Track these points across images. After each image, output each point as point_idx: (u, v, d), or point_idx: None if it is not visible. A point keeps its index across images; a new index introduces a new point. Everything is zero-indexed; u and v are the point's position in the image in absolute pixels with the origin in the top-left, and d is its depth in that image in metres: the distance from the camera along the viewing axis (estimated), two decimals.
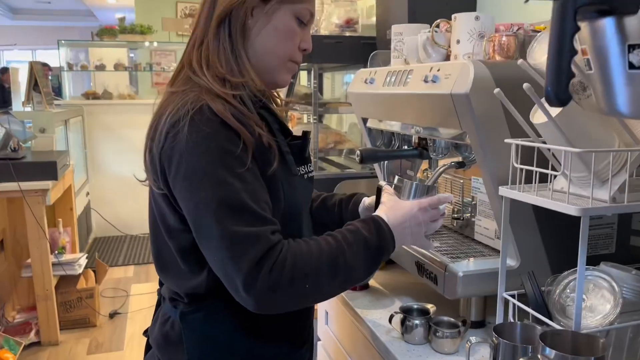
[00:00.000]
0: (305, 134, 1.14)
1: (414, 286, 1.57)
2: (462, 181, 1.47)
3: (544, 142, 1.04)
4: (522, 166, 1.04)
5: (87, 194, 5.18)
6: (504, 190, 1.09)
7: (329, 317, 1.72)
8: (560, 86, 0.76)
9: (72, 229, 3.96)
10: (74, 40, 7.41)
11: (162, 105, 1.02)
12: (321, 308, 1.79)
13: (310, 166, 1.15)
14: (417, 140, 1.47)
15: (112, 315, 3.78)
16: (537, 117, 1.02)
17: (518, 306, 1.10)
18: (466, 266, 1.21)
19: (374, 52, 1.96)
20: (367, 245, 1.04)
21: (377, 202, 1.19)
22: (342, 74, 3.09)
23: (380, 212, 1.13)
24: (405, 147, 1.68)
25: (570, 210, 0.93)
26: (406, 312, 1.24)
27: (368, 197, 1.31)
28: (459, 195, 1.49)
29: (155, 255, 1.09)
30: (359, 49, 2.33)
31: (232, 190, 0.92)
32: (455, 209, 1.49)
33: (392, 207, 1.13)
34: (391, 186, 1.20)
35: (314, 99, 2.47)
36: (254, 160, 0.96)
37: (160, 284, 1.16)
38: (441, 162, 1.56)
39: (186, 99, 0.96)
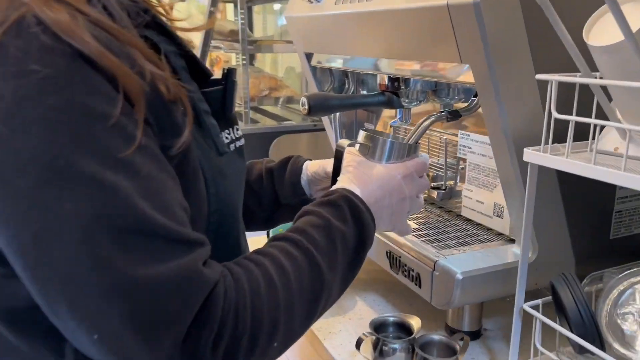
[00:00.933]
0: (229, 73, 0.70)
1: (378, 276, 1.20)
2: (444, 137, 1.09)
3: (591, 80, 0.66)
4: (567, 117, 0.66)
5: None
6: (532, 155, 0.71)
7: None
8: None
9: None
10: None
11: None
12: None
13: (237, 130, 0.73)
14: (383, 82, 1.06)
15: None
16: (600, 33, 0.63)
17: (544, 323, 0.75)
18: (464, 262, 0.84)
19: None
20: (346, 244, 0.65)
21: (338, 170, 0.79)
22: (276, 14, 2.62)
23: (346, 182, 0.73)
24: (365, 91, 1.27)
25: None
26: (379, 329, 0.86)
27: (311, 160, 0.91)
28: (439, 157, 1.11)
29: None
30: None
31: (113, 196, 0.48)
32: (434, 175, 1.12)
33: (362, 176, 0.74)
34: (355, 146, 0.80)
35: (242, 35, 2.00)
36: (149, 128, 0.54)
37: None
38: (415, 112, 1.16)
39: None
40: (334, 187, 0.74)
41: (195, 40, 1.99)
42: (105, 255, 0.47)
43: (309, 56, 1.29)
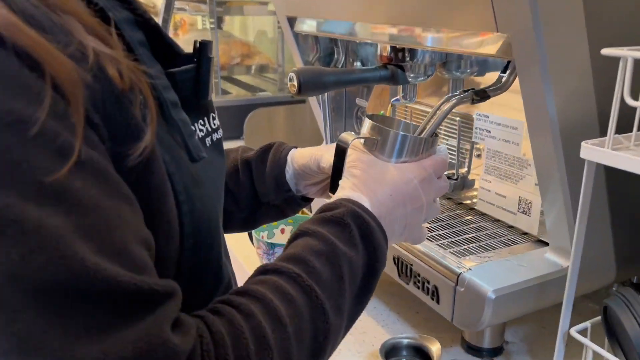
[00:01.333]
0: (203, 47, 0.53)
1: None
2: (457, 118, 0.94)
3: None
4: None
5: None
6: (594, 152, 0.56)
7: None
8: None
9: None
10: None
11: None
12: None
13: (214, 119, 0.57)
14: (385, 53, 0.89)
15: None
16: None
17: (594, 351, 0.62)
18: (494, 276, 0.70)
19: None
20: (354, 273, 0.52)
21: (340, 170, 0.63)
22: None
23: (351, 190, 0.58)
24: (359, 63, 1.10)
25: None
26: (391, 354, 0.72)
27: (296, 148, 0.75)
28: (449, 139, 0.96)
29: None
30: None
31: (38, 241, 0.32)
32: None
33: (372, 182, 0.59)
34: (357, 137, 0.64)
35: None
36: (93, 132, 0.38)
37: None
38: (422, 88, 1.01)
39: None
40: (336, 197, 0.59)
41: (157, 2, 1.76)
42: (30, 330, 0.31)
43: (291, 21, 1.11)
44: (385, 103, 1.14)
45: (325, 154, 0.69)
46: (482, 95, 0.71)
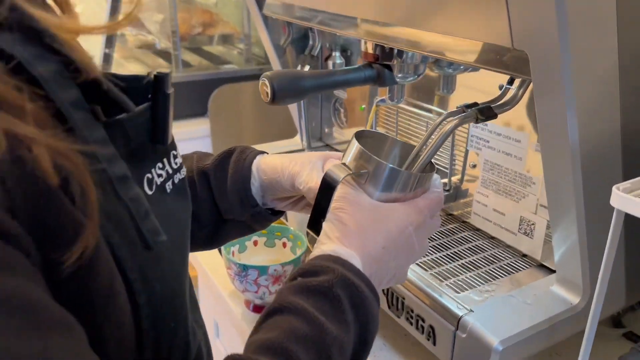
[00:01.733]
0: (159, 82, 0.43)
1: None
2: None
3: None
4: None
5: None
6: (627, 201, 0.47)
7: (220, 331, 1.09)
8: None
9: None
10: None
11: None
12: (207, 317, 1.16)
13: (175, 157, 0.47)
14: (370, 50, 0.78)
15: None
16: None
17: None
18: (500, 321, 0.62)
19: None
20: (344, 355, 0.44)
21: (324, 208, 0.53)
22: None
23: (339, 243, 0.50)
24: (337, 53, 0.98)
25: None
26: None
27: (263, 154, 0.65)
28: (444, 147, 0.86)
29: None
30: None
31: None
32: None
33: (363, 233, 0.51)
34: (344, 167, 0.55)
35: None
36: (12, 247, 0.28)
37: None
38: (411, 90, 0.90)
39: None
40: (320, 250, 0.50)
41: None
42: None
43: (260, 1, 0.98)
44: (365, 95, 1.03)
45: (302, 170, 0.59)
46: (487, 114, 0.61)
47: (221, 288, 0.95)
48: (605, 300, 0.67)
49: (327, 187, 0.52)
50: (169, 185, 0.46)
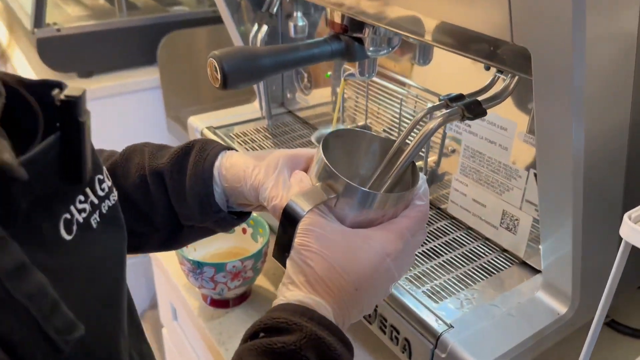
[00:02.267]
0: (68, 107, 0.33)
1: None
2: (427, 104, 0.75)
3: None
4: None
5: None
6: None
7: (178, 314, 1.02)
8: None
9: None
10: None
11: None
12: (164, 299, 1.08)
13: (102, 182, 0.39)
14: (338, 21, 0.67)
15: None
16: None
17: None
18: (482, 337, 0.56)
19: None
20: None
21: (288, 242, 0.45)
22: None
23: (305, 290, 0.44)
24: (299, 14, 0.86)
25: None
26: None
27: (228, 151, 0.56)
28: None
29: None
30: None
31: None
32: None
33: (332, 273, 0.45)
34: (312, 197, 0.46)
35: None
36: None
37: None
38: (384, 63, 0.80)
39: None
40: (285, 298, 0.42)
41: None
42: None
43: None
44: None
45: (266, 181, 0.50)
46: (475, 111, 0.52)
47: (176, 279, 0.87)
48: (589, 306, 0.63)
49: (289, 220, 0.43)
50: (95, 220, 0.37)
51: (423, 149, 0.76)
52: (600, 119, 0.45)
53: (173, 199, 0.53)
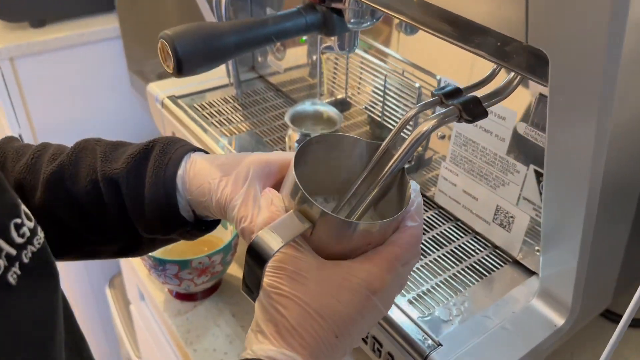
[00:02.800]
0: None
1: None
2: (416, 84, 0.66)
3: None
4: None
5: None
6: None
7: (145, 295, 0.96)
8: None
9: None
10: None
11: None
12: (130, 280, 1.01)
13: (20, 227, 0.32)
14: None
15: None
16: None
17: None
18: (479, 354, 0.51)
19: None
20: None
21: (253, 274, 0.38)
22: None
23: (277, 343, 0.37)
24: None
25: None
26: None
27: (190, 154, 0.48)
28: (403, 106, 0.69)
29: None
30: None
31: None
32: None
33: (307, 322, 0.38)
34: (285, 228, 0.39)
35: None
36: None
37: None
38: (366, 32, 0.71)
39: None
40: (253, 354, 0.36)
41: None
42: None
43: None
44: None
45: (234, 196, 0.43)
46: (474, 112, 0.45)
47: (139, 269, 0.80)
48: (588, 311, 0.58)
49: (256, 259, 0.36)
50: (13, 275, 0.30)
51: (409, 131, 0.68)
52: (626, 143, 0.38)
53: (130, 210, 0.46)
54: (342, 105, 0.78)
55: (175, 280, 0.69)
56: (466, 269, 0.61)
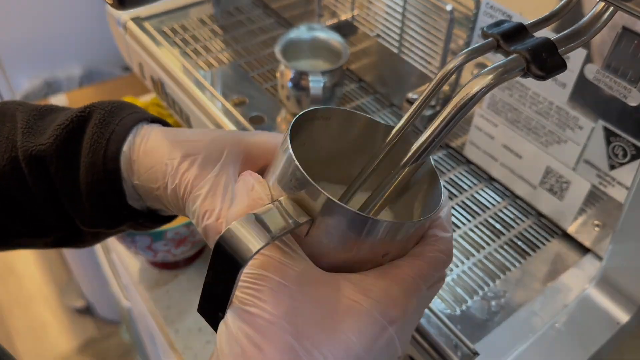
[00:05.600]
0: None
1: None
2: (448, 8, 0.50)
3: None
4: None
5: None
6: None
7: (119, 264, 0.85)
8: None
9: None
10: None
11: None
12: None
13: None
14: None
15: None
16: None
17: None
18: None
19: None
20: None
21: (219, 288, 0.26)
22: None
23: None
24: None
25: None
26: None
27: (133, 129, 0.35)
28: (435, 42, 0.54)
29: None
30: None
31: None
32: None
33: (297, 352, 0.24)
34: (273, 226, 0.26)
35: None
36: None
37: None
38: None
39: None
40: None
41: None
42: None
43: None
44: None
45: (197, 183, 0.31)
46: (549, 64, 0.30)
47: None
48: None
49: (226, 263, 0.25)
50: None
51: (430, 67, 0.54)
52: None
53: (63, 198, 0.34)
54: (347, 29, 0.62)
55: (149, 252, 0.57)
56: (505, 246, 0.49)
